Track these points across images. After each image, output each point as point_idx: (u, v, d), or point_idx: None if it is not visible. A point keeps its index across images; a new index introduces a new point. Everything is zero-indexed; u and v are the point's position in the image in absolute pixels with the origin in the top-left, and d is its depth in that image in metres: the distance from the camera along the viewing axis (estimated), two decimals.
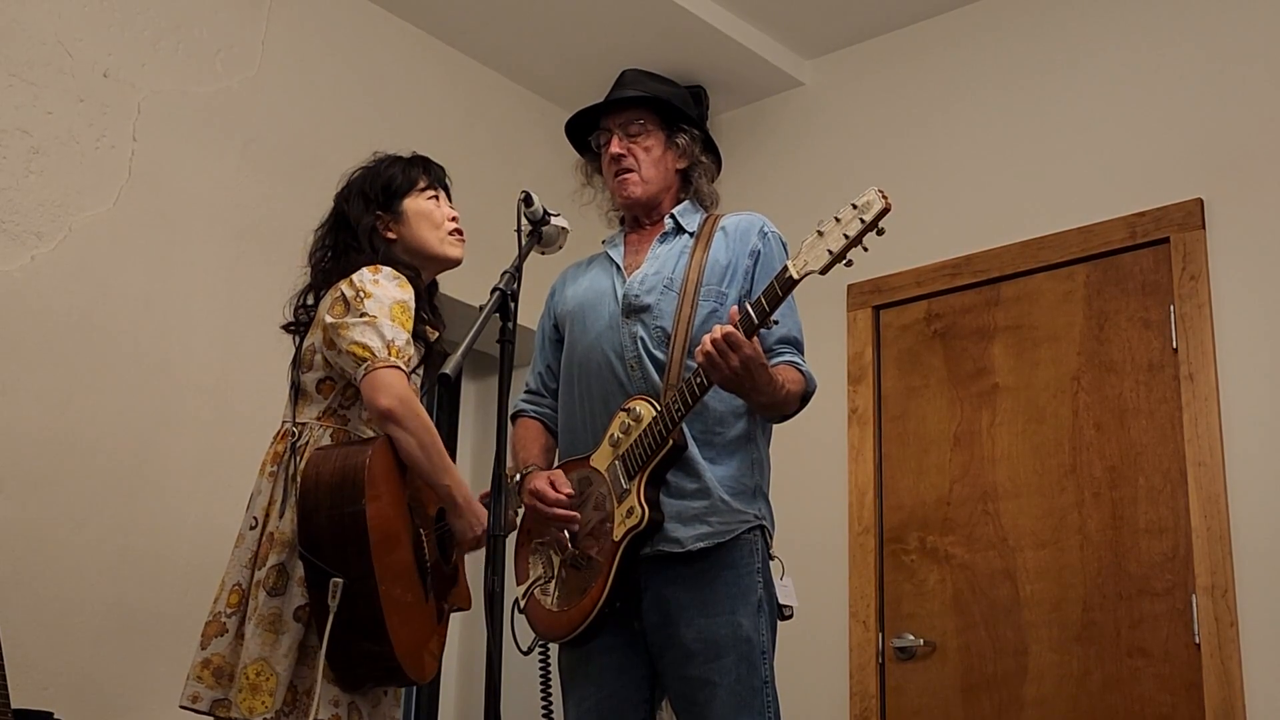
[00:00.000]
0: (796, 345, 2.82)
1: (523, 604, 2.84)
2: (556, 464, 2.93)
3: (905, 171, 4.52)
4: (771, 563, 2.77)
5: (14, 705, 2.94)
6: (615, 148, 2.89)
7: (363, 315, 2.60)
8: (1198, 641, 3.60)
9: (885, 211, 2.43)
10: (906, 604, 4.14)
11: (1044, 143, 4.24)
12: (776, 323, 2.60)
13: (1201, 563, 3.63)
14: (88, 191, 3.60)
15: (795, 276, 2.52)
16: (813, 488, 4.37)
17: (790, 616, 2.78)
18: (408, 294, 2.67)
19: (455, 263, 2.90)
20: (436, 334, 2.82)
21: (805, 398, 2.80)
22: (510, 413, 2.98)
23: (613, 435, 2.73)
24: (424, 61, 4.60)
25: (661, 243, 2.90)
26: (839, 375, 4.42)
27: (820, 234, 2.51)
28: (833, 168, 4.74)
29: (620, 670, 2.72)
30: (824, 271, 2.49)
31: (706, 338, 2.54)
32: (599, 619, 2.68)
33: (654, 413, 2.67)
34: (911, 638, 4.07)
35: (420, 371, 2.74)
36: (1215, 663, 3.55)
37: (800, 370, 2.78)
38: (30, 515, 3.32)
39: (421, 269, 2.84)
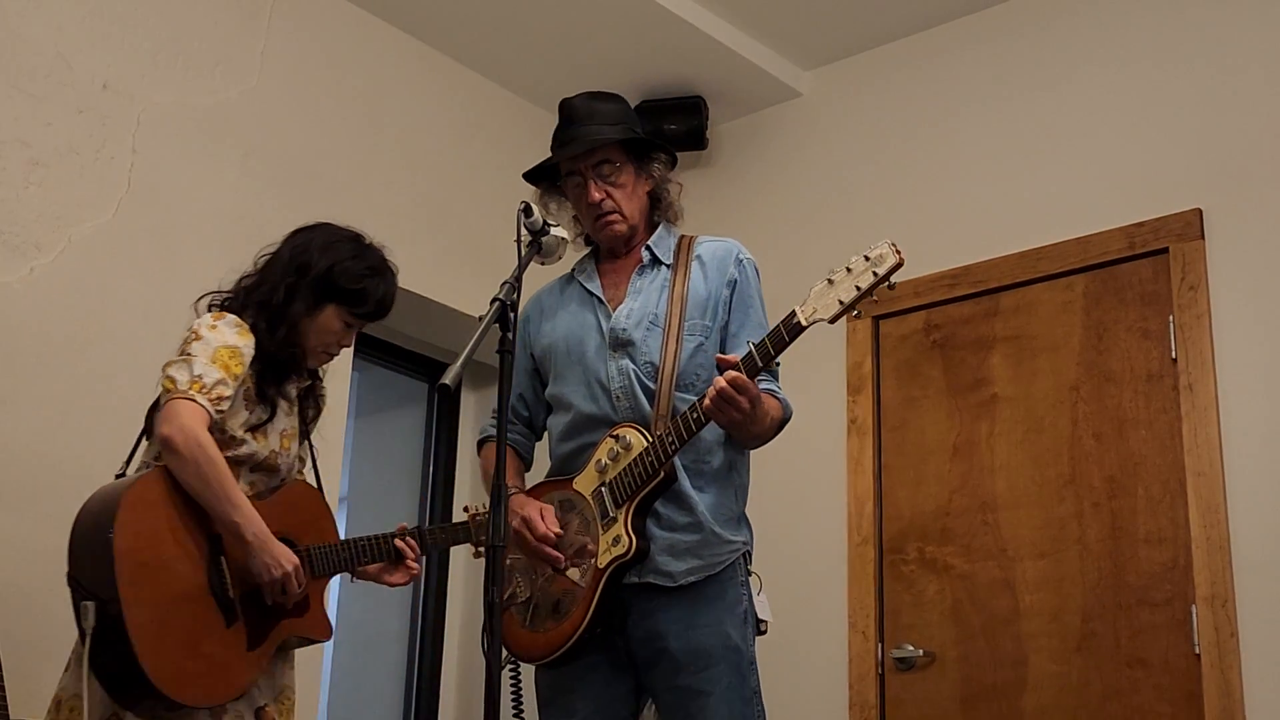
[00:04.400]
0: (773, 372, 2.84)
1: None
2: (537, 483, 2.92)
3: (903, 182, 4.53)
4: (750, 579, 2.80)
5: (13, 717, 2.94)
6: (595, 194, 2.86)
7: (184, 355, 2.69)
8: (1197, 652, 3.60)
9: (898, 266, 2.49)
10: (906, 614, 4.13)
11: (1042, 153, 4.24)
12: (778, 364, 2.61)
13: (1201, 573, 3.63)
14: (87, 203, 3.61)
15: (804, 323, 2.55)
16: (812, 498, 4.37)
17: (765, 632, 2.80)
18: (244, 341, 2.74)
19: (306, 368, 2.95)
20: (272, 408, 2.84)
21: (783, 424, 2.83)
22: (478, 437, 3.03)
23: (599, 461, 2.74)
24: (423, 73, 4.61)
25: (640, 275, 2.91)
26: (838, 386, 4.42)
27: (830, 282, 2.54)
28: (831, 178, 4.75)
29: (606, 684, 2.73)
30: (833, 321, 2.54)
31: (720, 382, 2.55)
32: (579, 644, 2.69)
33: (645, 443, 2.68)
34: (911, 648, 4.07)
35: (268, 423, 2.80)
36: (1215, 673, 3.55)
37: (778, 397, 2.80)
38: (29, 527, 3.31)
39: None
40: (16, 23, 3.56)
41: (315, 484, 3.01)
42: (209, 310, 2.83)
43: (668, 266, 2.89)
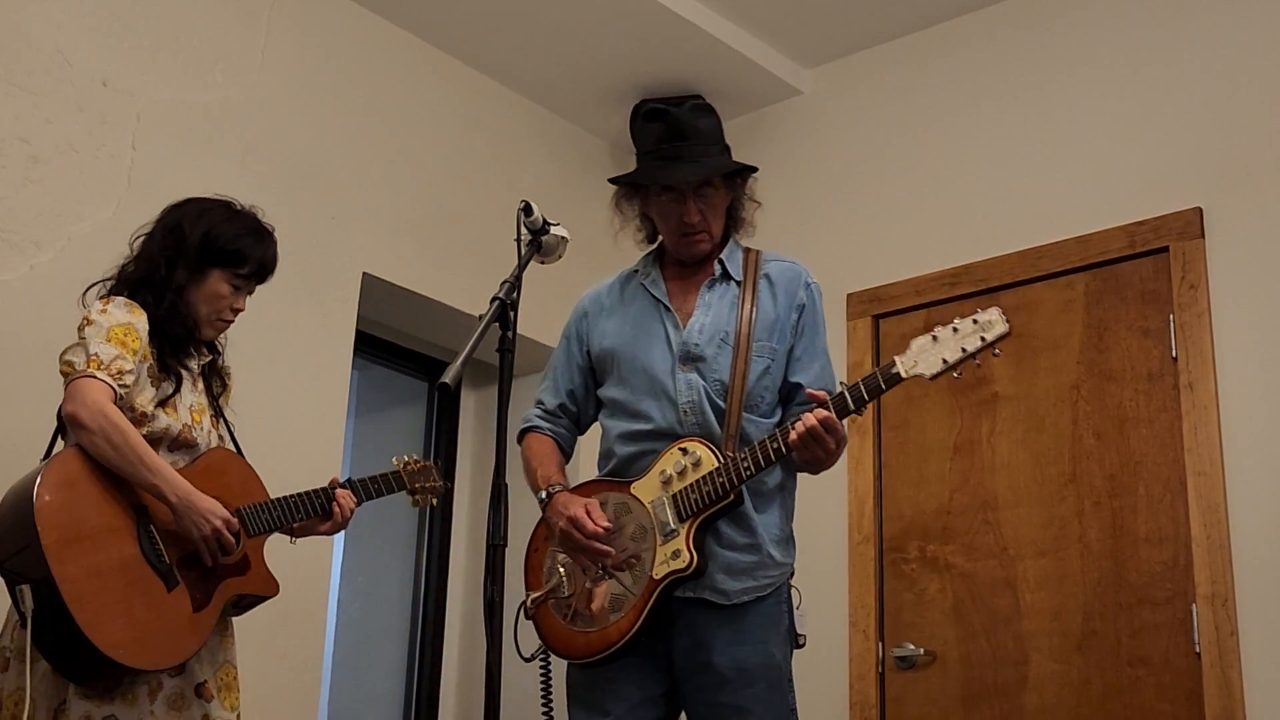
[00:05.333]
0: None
1: (530, 611, 2.83)
2: (591, 479, 2.91)
3: (904, 180, 4.53)
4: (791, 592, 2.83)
5: None
6: (695, 215, 2.86)
7: (78, 341, 2.74)
8: (1198, 650, 3.60)
9: (1006, 335, 2.55)
10: (906, 613, 4.13)
11: (1043, 152, 4.24)
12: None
13: (1201, 572, 3.63)
14: (87, 201, 3.60)
15: (903, 375, 2.59)
16: (812, 497, 4.33)
17: (803, 645, 2.81)
18: (136, 318, 2.78)
19: (203, 339, 2.98)
20: (177, 379, 2.88)
21: None
22: (522, 426, 2.99)
23: (664, 471, 2.74)
24: (423, 70, 4.61)
25: (710, 289, 2.90)
26: None
27: (935, 339, 2.59)
28: (832, 177, 4.74)
29: (641, 687, 2.73)
30: (933, 378, 2.59)
31: (810, 419, 2.58)
32: (623, 649, 2.70)
33: (716, 463, 2.68)
34: (912, 647, 4.07)
35: (175, 395, 2.84)
36: (1215, 672, 3.55)
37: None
38: None
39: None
40: (16, 20, 3.55)
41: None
42: (97, 299, 2.86)
43: (737, 283, 2.90)
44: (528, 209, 2.66)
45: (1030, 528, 3.97)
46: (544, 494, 2.83)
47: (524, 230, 2.67)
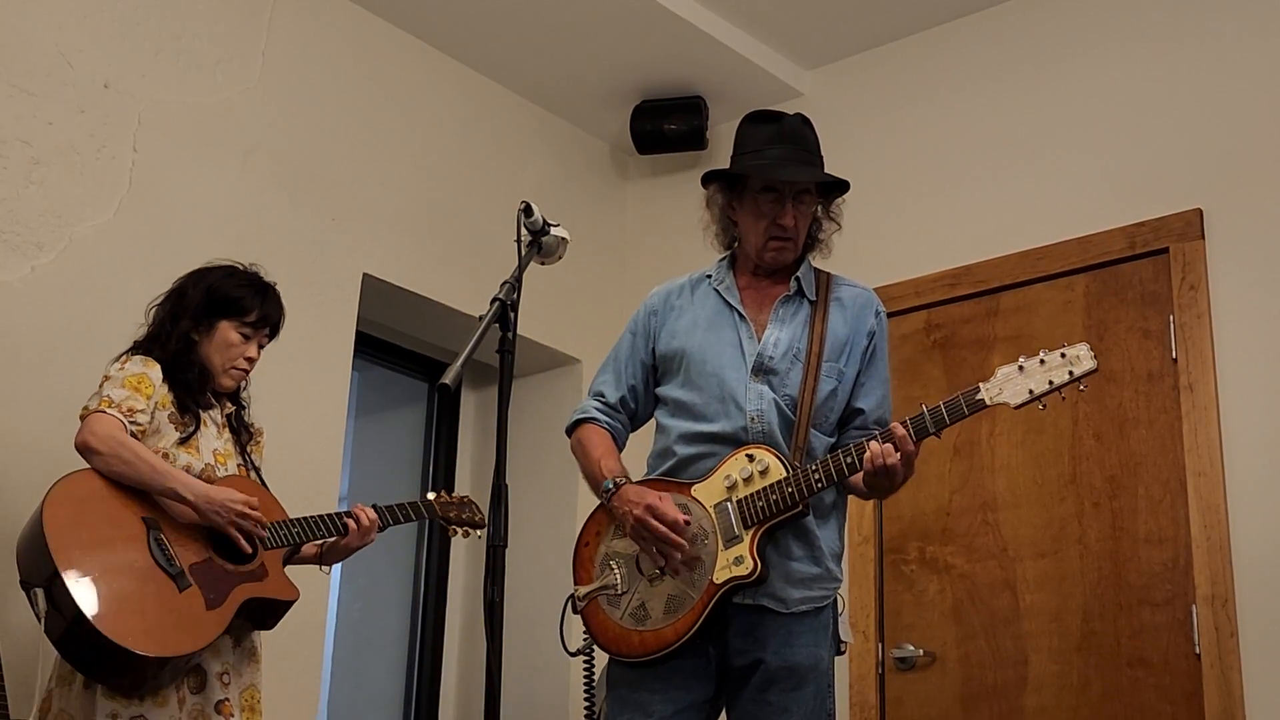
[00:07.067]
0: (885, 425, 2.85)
1: (581, 605, 2.83)
2: (650, 478, 2.90)
3: (904, 181, 4.53)
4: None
5: (13, 717, 2.95)
6: (790, 220, 2.87)
7: (95, 392, 2.95)
8: (1198, 651, 3.60)
9: (1093, 371, 2.59)
10: (906, 614, 4.13)
11: (1043, 153, 4.25)
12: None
13: (1201, 573, 3.63)
14: (88, 202, 3.61)
15: (987, 402, 2.64)
16: None
17: (844, 652, 2.84)
18: (149, 369, 2.98)
19: (223, 390, 3.14)
20: (196, 419, 3.05)
21: None
22: (578, 416, 2.98)
23: (729, 476, 2.74)
24: (424, 72, 4.61)
25: (784, 304, 2.90)
26: None
27: (1021, 369, 2.64)
28: None
29: (686, 690, 2.73)
30: (1018, 407, 2.64)
31: (893, 429, 2.62)
32: (677, 651, 2.70)
33: (784, 473, 2.69)
34: (911, 648, 4.07)
35: (196, 434, 3.01)
36: (1215, 673, 3.55)
37: None
38: None
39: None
40: (17, 22, 3.56)
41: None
42: (115, 361, 3.03)
43: (811, 302, 2.91)
44: (528, 210, 2.66)
45: (1030, 528, 3.97)
46: (611, 484, 2.81)
47: (524, 231, 2.67)
